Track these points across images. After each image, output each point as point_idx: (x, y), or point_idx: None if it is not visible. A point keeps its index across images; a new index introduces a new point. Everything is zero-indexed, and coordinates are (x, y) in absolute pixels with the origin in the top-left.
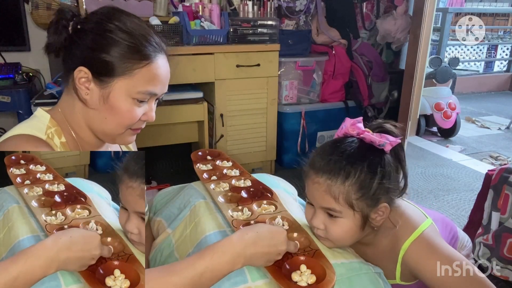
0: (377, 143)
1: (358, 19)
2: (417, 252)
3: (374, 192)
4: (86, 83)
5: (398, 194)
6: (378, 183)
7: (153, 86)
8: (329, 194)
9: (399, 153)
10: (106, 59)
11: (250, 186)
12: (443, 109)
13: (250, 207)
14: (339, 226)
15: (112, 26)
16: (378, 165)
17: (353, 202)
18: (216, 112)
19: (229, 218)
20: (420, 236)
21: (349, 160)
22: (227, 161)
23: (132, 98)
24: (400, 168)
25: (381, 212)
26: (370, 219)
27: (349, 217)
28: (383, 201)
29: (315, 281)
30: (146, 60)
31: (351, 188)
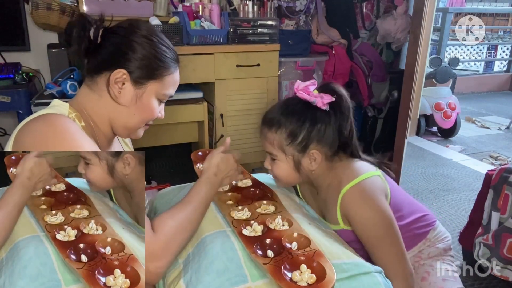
0: (309, 100)
1: (358, 19)
2: (350, 198)
3: (301, 140)
4: (121, 83)
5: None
6: (305, 133)
7: (173, 90)
8: (268, 141)
9: (342, 109)
10: (146, 65)
11: (250, 186)
12: (443, 109)
13: (250, 207)
14: (277, 167)
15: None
16: (308, 118)
17: (284, 148)
18: (216, 112)
19: (229, 218)
20: (358, 184)
21: (283, 113)
22: None
23: (157, 99)
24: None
25: (313, 158)
26: (303, 163)
27: (283, 160)
28: (313, 148)
29: (315, 281)
30: (174, 68)
31: (282, 136)
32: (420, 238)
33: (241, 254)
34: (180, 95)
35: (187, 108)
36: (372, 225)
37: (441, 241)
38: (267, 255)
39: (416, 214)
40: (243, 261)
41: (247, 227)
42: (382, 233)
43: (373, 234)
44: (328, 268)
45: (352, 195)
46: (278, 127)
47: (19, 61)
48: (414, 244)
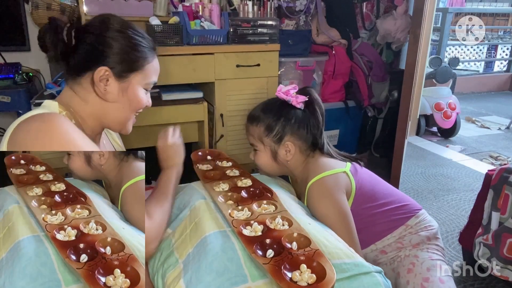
0: (285, 99)
1: (358, 19)
2: (312, 191)
3: (276, 132)
4: (105, 80)
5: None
6: (280, 126)
7: (156, 77)
8: (250, 134)
9: (314, 110)
10: (125, 58)
11: (250, 186)
12: (443, 109)
13: (250, 207)
14: (258, 157)
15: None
16: (283, 114)
17: (262, 139)
18: (216, 112)
19: (229, 218)
20: (320, 179)
21: (263, 110)
22: (227, 161)
23: (143, 89)
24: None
25: (288, 149)
26: (279, 153)
27: (262, 150)
28: (287, 140)
29: (315, 281)
30: (152, 56)
31: (261, 129)
32: (398, 223)
33: (241, 254)
34: (180, 95)
35: (187, 108)
36: (328, 218)
37: (424, 229)
38: (267, 255)
39: (395, 203)
40: (243, 261)
41: (247, 227)
42: (338, 225)
43: (331, 225)
44: (328, 268)
45: (314, 189)
46: (258, 121)
47: (19, 61)
48: (393, 229)
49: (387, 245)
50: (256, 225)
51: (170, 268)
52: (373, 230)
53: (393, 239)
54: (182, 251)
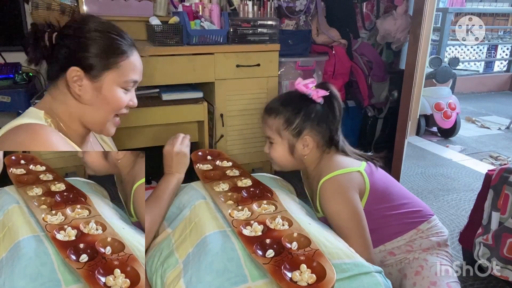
0: (306, 93)
1: (358, 19)
2: (324, 189)
3: (295, 126)
4: (78, 80)
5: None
6: (300, 120)
7: (135, 74)
8: (267, 126)
9: (333, 106)
10: (97, 57)
11: (250, 186)
12: (443, 109)
13: (250, 207)
14: (274, 150)
15: (92, 28)
16: (303, 108)
17: (281, 132)
18: (216, 112)
19: (229, 218)
20: (333, 177)
21: (282, 103)
22: (227, 161)
23: (121, 88)
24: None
25: (306, 143)
26: (297, 147)
27: (279, 143)
28: (306, 134)
29: (315, 281)
30: (125, 54)
31: (279, 122)
32: (410, 227)
33: (241, 254)
34: (180, 95)
35: (187, 108)
36: (340, 216)
37: (435, 235)
38: (267, 255)
39: (408, 207)
40: (243, 261)
41: (247, 227)
42: (350, 224)
43: (341, 225)
44: (328, 268)
45: (326, 187)
46: (277, 114)
47: (19, 61)
48: (404, 232)
49: (396, 247)
50: (256, 225)
51: (170, 268)
52: (384, 231)
53: (403, 242)
54: (182, 251)
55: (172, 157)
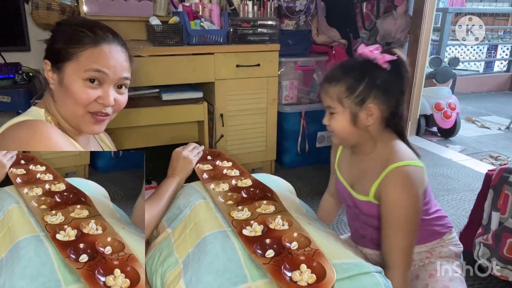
0: (371, 58)
1: (358, 19)
2: (393, 176)
3: (358, 94)
4: (50, 73)
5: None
6: (363, 88)
7: (99, 65)
8: (327, 95)
9: (401, 69)
10: (55, 47)
11: (250, 186)
12: (443, 109)
13: (250, 207)
14: (335, 120)
15: (63, 22)
16: (368, 74)
17: (342, 100)
18: (216, 112)
19: (229, 218)
20: (405, 166)
21: (344, 70)
22: (227, 161)
23: (83, 80)
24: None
25: (370, 112)
26: (359, 116)
27: (341, 113)
28: (370, 103)
29: (315, 281)
30: (88, 45)
31: (341, 89)
32: (437, 236)
33: (241, 254)
34: (180, 95)
35: (187, 108)
36: (400, 209)
37: (454, 246)
38: (267, 255)
39: (439, 213)
40: (243, 261)
41: (247, 227)
42: (404, 220)
43: (396, 218)
44: (328, 268)
45: (396, 174)
46: (338, 81)
47: (19, 61)
48: (430, 240)
49: (417, 253)
50: (256, 225)
51: (170, 268)
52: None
53: (425, 248)
54: (182, 251)
55: (178, 159)
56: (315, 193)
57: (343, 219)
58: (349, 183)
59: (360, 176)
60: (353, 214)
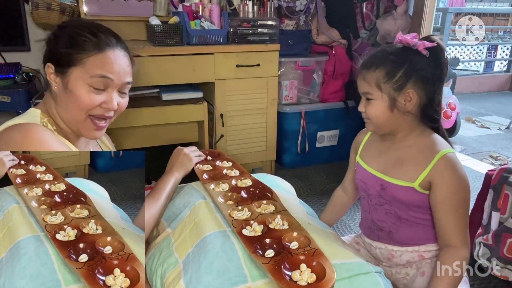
0: (410, 44)
1: (358, 19)
2: (448, 162)
3: (397, 79)
4: (53, 76)
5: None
6: (403, 73)
7: (104, 70)
8: (365, 80)
9: (439, 56)
10: (59, 51)
11: (250, 186)
12: (443, 109)
13: (250, 207)
14: (373, 106)
15: (65, 24)
16: (407, 59)
17: (381, 85)
18: (216, 112)
19: (229, 218)
20: (454, 154)
21: (382, 55)
22: (227, 161)
23: (89, 85)
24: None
25: (408, 98)
26: (398, 102)
27: (379, 98)
28: (409, 88)
29: (315, 281)
30: (93, 51)
31: (380, 74)
32: None
33: (241, 254)
34: (180, 95)
35: (187, 108)
36: (458, 192)
37: None
38: (267, 254)
39: None
40: (243, 261)
41: (247, 227)
42: (461, 202)
43: (454, 201)
44: (328, 268)
45: (449, 161)
46: (377, 66)
47: (19, 61)
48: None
49: (428, 251)
50: (256, 225)
51: (169, 268)
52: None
53: (437, 247)
54: (182, 251)
55: (178, 155)
56: (315, 193)
57: (343, 219)
58: (380, 170)
59: (398, 163)
60: (375, 205)
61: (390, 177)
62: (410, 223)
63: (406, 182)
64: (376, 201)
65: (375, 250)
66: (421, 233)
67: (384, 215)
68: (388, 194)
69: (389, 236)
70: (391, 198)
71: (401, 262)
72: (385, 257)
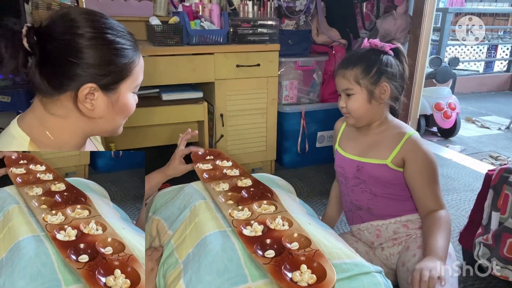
0: (379, 46)
1: (358, 19)
2: (414, 141)
3: (373, 74)
4: (91, 96)
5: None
6: (377, 69)
7: (142, 76)
8: (345, 78)
9: (400, 56)
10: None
11: (251, 186)
12: (443, 109)
13: (250, 207)
14: (353, 100)
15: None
16: (377, 58)
17: (359, 81)
18: (216, 112)
19: (229, 218)
20: (417, 134)
21: (357, 57)
22: (227, 161)
23: (132, 92)
24: (401, 66)
25: (383, 90)
26: (375, 94)
27: (358, 92)
28: (383, 81)
29: (315, 281)
30: (137, 56)
31: (357, 72)
32: None
33: (241, 254)
34: (180, 95)
35: (187, 108)
36: (428, 165)
37: None
38: (267, 255)
39: None
40: (243, 261)
41: (247, 227)
42: (432, 173)
43: (426, 173)
44: (329, 268)
45: (415, 140)
46: (354, 65)
47: None
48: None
49: (411, 221)
50: (256, 225)
51: (170, 268)
52: (410, 203)
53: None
54: (182, 251)
55: (175, 158)
56: (315, 193)
57: (343, 218)
58: (356, 154)
59: (372, 146)
60: (352, 186)
61: (366, 158)
62: (385, 199)
63: (380, 160)
64: (353, 183)
65: (364, 233)
66: (398, 206)
67: (360, 194)
68: (364, 173)
69: (369, 213)
70: (366, 177)
71: (389, 234)
72: (374, 235)
